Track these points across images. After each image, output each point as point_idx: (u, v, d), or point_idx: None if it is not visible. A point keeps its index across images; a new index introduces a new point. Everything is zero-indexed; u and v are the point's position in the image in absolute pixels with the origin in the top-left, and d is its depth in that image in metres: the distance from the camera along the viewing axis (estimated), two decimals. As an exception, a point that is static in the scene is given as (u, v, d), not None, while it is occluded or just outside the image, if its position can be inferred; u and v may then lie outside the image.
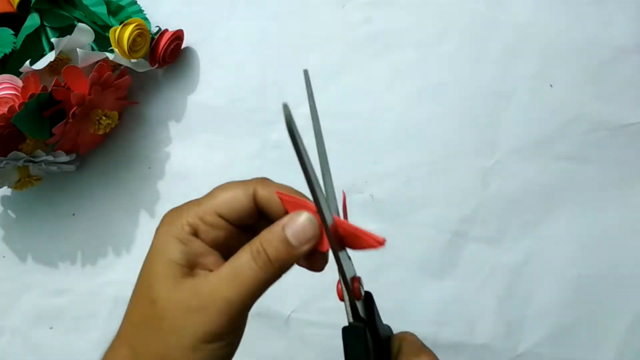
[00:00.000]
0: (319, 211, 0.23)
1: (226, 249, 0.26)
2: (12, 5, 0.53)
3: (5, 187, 0.53)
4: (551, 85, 0.51)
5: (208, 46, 0.57)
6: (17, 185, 0.52)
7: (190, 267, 0.25)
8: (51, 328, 0.55)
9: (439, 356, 0.49)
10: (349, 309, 0.27)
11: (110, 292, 0.54)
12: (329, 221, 0.24)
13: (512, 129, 0.51)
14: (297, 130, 0.23)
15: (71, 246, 0.55)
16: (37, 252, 0.56)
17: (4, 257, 0.56)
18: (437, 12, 0.54)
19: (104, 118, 0.51)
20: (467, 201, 0.51)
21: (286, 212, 0.26)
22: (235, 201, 0.26)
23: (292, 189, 0.27)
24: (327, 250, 0.25)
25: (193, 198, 0.58)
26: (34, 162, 0.50)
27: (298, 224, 0.24)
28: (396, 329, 0.49)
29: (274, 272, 0.24)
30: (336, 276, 0.27)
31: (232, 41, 0.57)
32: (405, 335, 0.28)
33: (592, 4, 0.52)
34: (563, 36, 0.52)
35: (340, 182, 0.53)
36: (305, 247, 0.24)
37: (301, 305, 0.51)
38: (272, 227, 0.25)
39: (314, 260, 0.27)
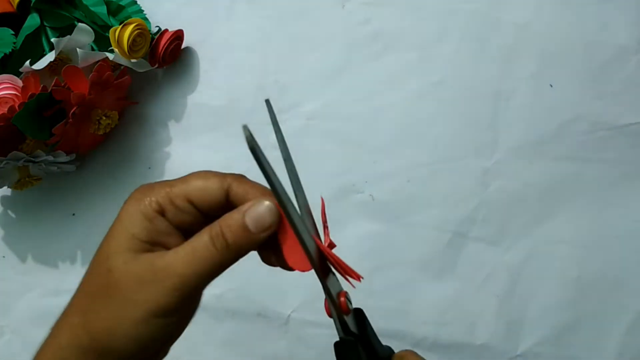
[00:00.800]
0: (297, 234, 0.24)
1: (189, 233, 0.26)
2: (12, 5, 0.53)
3: (5, 187, 0.53)
4: (551, 85, 0.51)
5: (208, 46, 0.57)
6: (17, 185, 0.52)
7: (151, 244, 0.25)
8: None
9: (439, 356, 0.49)
10: (338, 324, 0.26)
11: (110, 292, 0.54)
12: (310, 244, 0.25)
13: (512, 129, 0.51)
14: (260, 151, 0.24)
15: (71, 246, 0.55)
16: (37, 252, 0.56)
17: (3, 257, 0.56)
18: (437, 12, 0.54)
19: (104, 118, 0.51)
20: (467, 201, 0.51)
21: None
22: (208, 191, 0.26)
23: (266, 189, 0.26)
24: (310, 270, 0.26)
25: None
26: (34, 162, 0.50)
27: (258, 212, 0.25)
28: (396, 329, 0.49)
29: (230, 255, 0.25)
30: (316, 286, 0.27)
31: (232, 41, 0.57)
32: (407, 354, 0.28)
33: (592, 4, 0.52)
34: (563, 36, 0.52)
35: (340, 182, 0.53)
36: (263, 235, 0.25)
37: (301, 305, 0.51)
38: (232, 213, 0.25)
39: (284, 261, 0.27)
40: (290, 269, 0.26)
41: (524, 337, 0.48)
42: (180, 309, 0.25)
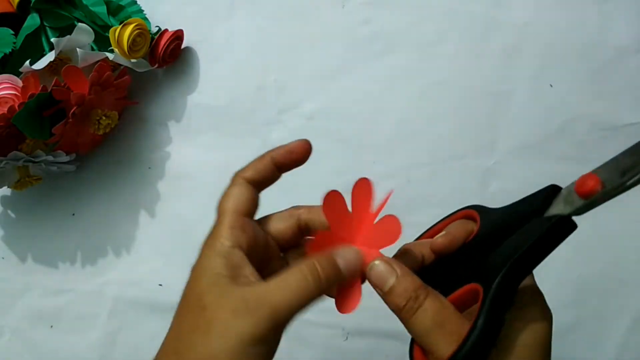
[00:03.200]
0: None
1: (256, 245, 0.29)
2: (12, 5, 0.53)
3: (5, 187, 0.53)
4: (551, 85, 0.51)
5: (208, 46, 0.57)
6: (17, 185, 0.52)
7: (233, 277, 0.27)
8: (51, 327, 0.55)
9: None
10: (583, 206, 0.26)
11: (110, 292, 0.54)
12: None
13: (512, 129, 0.51)
14: None
15: (71, 246, 0.55)
16: (37, 252, 0.56)
17: (2, 258, 0.56)
18: (437, 12, 0.54)
19: (104, 118, 0.51)
20: (467, 201, 0.50)
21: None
22: (242, 197, 0.30)
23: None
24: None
25: (193, 198, 0.58)
26: (34, 162, 0.50)
27: (351, 255, 0.28)
28: (397, 329, 0.49)
29: (320, 289, 0.26)
30: None
31: (232, 41, 0.57)
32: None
33: (592, 5, 0.52)
34: (563, 36, 0.52)
35: (340, 182, 0.53)
36: (349, 275, 0.28)
37: (301, 305, 0.51)
38: (324, 252, 0.28)
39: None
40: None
41: (524, 337, 0.48)
42: (272, 338, 0.26)
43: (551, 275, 0.49)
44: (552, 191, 0.27)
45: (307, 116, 0.54)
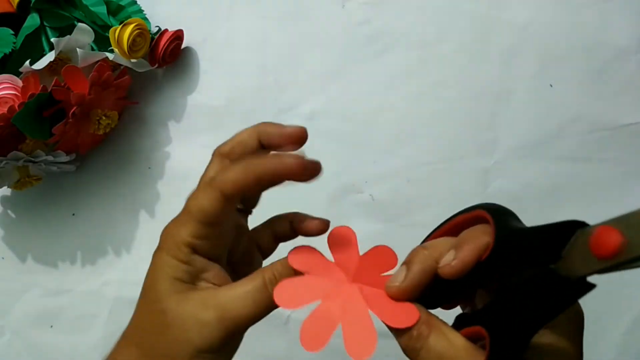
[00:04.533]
0: None
1: (222, 245, 0.29)
2: (12, 5, 0.53)
3: (5, 187, 0.53)
4: (551, 85, 0.51)
5: (208, 46, 0.57)
6: (17, 185, 0.52)
7: (193, 282, 0.27)
8: (51, 327, 0.55)
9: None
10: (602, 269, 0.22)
11: (110, 292, 0.54)
12: None
13: (512, 129, 0.51)
14: None
15: (71, 246, 0.55)
16: (37, 252, 0.56)
17: (2, 258, 0.56)
18: (437, 12, 0.54)
19: (104, 118, 0.51)
20: (467, 201, 0.50)
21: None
22: (208, 206, 0.27)
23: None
24: None
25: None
26: (34, 162, 0.50)
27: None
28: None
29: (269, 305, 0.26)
30: None
31: (232, 41, 0.57)
32: None
33: (592, 5, 0.52)
34: (563, 36, 0.52)
35: (340, 182, 0.53)
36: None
37: (301, 305, 0.51)
38: (283, 262, 0.27)
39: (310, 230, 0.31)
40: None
41: (524, 337, 0.48)
42: (228, 345, 0.26)
43: (551, 275, 0.49)
44: (571, 229, 0.23)
45: (307, 116, 0.54)
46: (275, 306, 0.26)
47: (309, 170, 0.26)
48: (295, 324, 0.51)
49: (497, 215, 0.26)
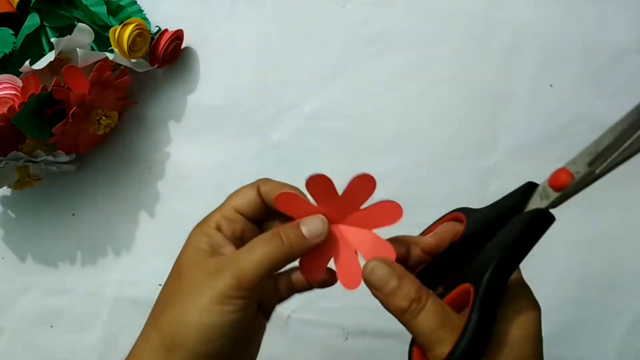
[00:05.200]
0: None
1: (242, 242, 0.30)
2: (12, 5, 0.53)
3: (5, 187, 0.53)
4: (551, 85, 0.51)
5: (208, 46, 0.57)
6: (17, 185, 0.52)
7: (212, 252, 0.29)
8: (51, 327, 0.55)
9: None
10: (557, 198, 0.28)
11: (110, 292, 0.54)
12: None
13: (512, 129, 0.51)
14: None
15: (71, 246, 0.55)
16: (37, 252, 0.56)
17: (2, 258, 0.56)
18: (437, 12, 0.54)
19: (104, 118, 0.51)
20: (467, 201, 0.50)
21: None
22: (246, 196, 0.30)
23: (287, 184, 0.31)
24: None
25: (193, 198, 0.58)
26: (34, 162, 0.50)
27: (313, 222, 0.29)
28: (397, 329, 0.49)
29: (284, 253, 0.28)
30: None
31: (232, 41, 0.57)
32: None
33: (592, 4, 0.52)
34: (563, 36, 0.52)
35: (340, 182, 0.53)
36: (314, 241, 0.29)
37: (301, 305, 0.51)
38: (289, 222, 0.29)
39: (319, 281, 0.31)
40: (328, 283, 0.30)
41: (524, 337, 0.48)
42: (238, 296, 0.27)
43: (551, 275, 0.49)
44: (529, 188, 0.29)
45: (307, 116, 0.55)
46: (285, 256, 0.28)
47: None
48: (295, 324, 0.51)
49: (468, 211, 0.31)
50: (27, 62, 0.47)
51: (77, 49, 0.48)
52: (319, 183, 0.28)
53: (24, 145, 0.50)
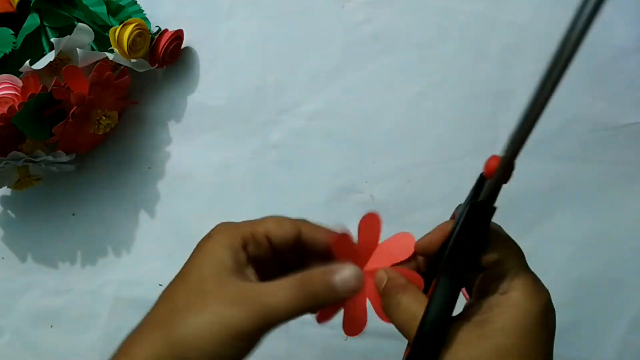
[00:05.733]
0: None
1: (259, 266, 0.29)
2: (12, 5, 0.53)
3: (5, 187, 0.53)
4: (551, 85, 0.51)
5: (208, 46, 0.57)
6: (17, 185, 0.52)
7: (237, 272, 0.28)
8: (51, 327, 0.55)
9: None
10: (489, 188, 0.27)
11: (110, 292, 0.54)
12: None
13: (512, 129, 0.51)
14: None
15: (71, 246, 0.55)
16: (37, 252, 0.56)
17: (2, 258, 0.56)
18: (437, 12, 0.54)
19: (103, 118, 0.51)
20: (467, 201, 0.51)
21: (323, 254, 0.30)
22: (285, 229, 0.30)
23: (328, 229, 0.30)
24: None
25: (193, 198, 0.58)
26: (34, 162, 0.50)
27: (346, 274, 0.28)
28: (396, 329, 0.49)
29: (310, 304, 0.27)
30: None
31: (232, 41, 0.57)
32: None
33: (592, 4, 0.52)
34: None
35: (340, 182, 0.53)
36: (345, 295, 0.27)
37: (301, 305, 0.51)
38: (323, 268, 0.28)
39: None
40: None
41: (524, 337, 0.48)
42: (254, 338, 0.27)
43: (551, 275, 0.49)
44: (481, 179, 0.28)
45: (307, 116, 0.55)
46: (310, 308, 0.27)
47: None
48: (295, 324, 0.51)
49: (458, 208, 0.31)
50: (27, 62, 0.47)
51: (77, 49, 0.48)
52: (370, 223, 0.30)
53: (24, 145, 0.50)
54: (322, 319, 0.30)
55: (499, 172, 0.26)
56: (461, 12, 0.54)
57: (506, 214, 0.50)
